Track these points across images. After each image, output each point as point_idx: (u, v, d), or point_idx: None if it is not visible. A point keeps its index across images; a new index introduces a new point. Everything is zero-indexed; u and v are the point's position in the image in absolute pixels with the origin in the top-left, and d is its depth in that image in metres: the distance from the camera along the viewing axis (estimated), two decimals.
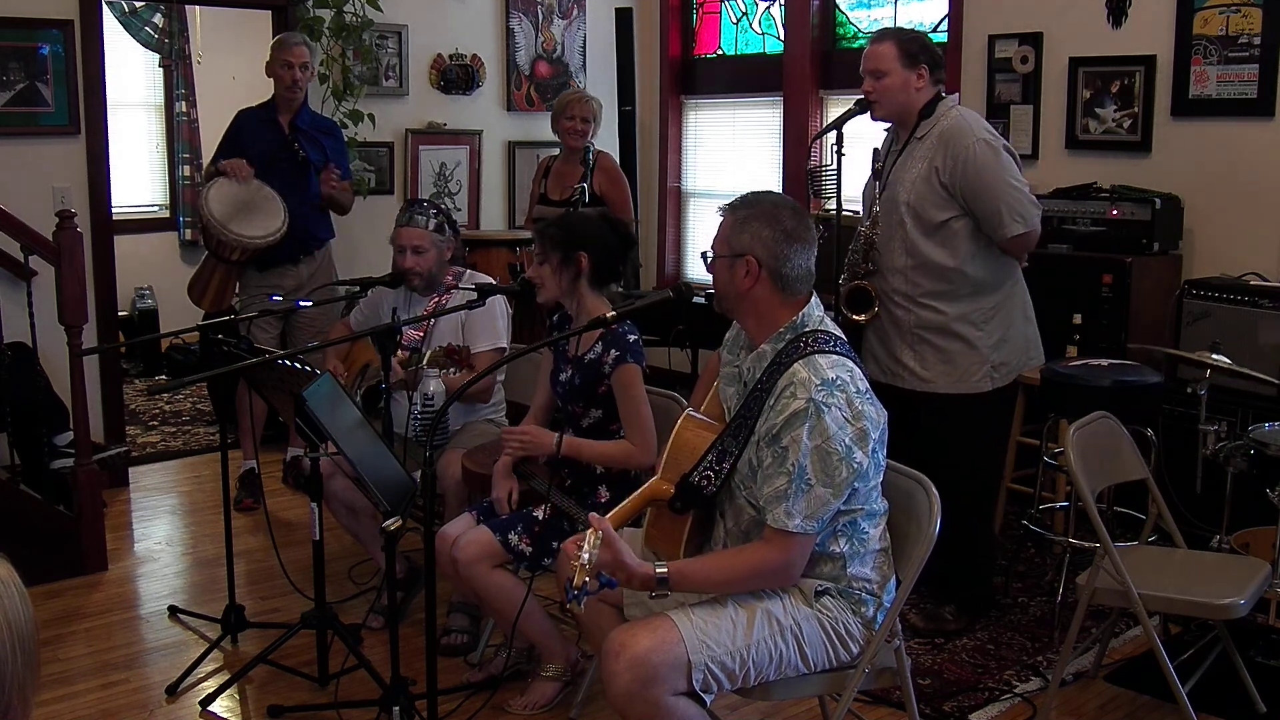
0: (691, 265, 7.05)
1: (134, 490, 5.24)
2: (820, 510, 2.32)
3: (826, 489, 2.31)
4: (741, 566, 2.36)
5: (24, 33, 4.81)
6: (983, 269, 3.58)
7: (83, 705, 3.31)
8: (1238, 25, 4.55)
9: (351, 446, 2.78)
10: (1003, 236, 3.51)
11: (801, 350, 2.37)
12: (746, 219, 2.45)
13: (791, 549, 2.34)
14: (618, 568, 2.28)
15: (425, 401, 3.64)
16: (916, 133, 3.59)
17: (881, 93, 3.58)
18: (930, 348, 3.61)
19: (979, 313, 3.60)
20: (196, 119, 7.94)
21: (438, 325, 3.79)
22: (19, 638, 1.20)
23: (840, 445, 2.30)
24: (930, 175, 3.51)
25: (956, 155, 3.48)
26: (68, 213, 4.25)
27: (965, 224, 3.53)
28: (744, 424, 2.42)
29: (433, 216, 3.79)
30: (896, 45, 3.56)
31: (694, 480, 2.44)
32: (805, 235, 2.45)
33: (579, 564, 2.18)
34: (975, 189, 3.48)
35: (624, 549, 2.30)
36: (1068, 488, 4.14)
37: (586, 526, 3.08)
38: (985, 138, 3.50)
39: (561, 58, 6.68)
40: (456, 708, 3.22)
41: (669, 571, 2.32)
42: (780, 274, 2.42)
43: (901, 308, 3.62)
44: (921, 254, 3.55)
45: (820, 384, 2.31)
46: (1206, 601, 2.99)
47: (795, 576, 2.40)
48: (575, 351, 3.25)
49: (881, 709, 3.27)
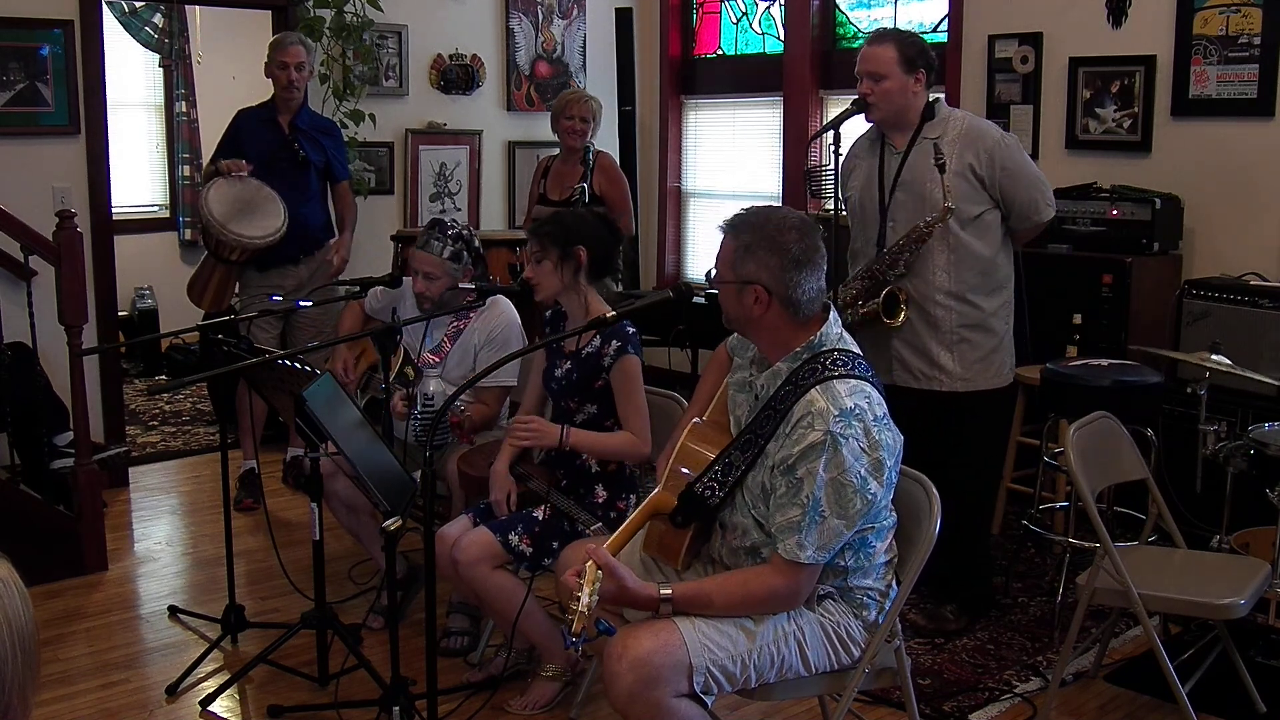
0: (691, 265, 7.05)
1: (134, 490, 5.24)
2: (832, 541, 2.32)
3: (840, 520, 2.30)
4: (748, 592, 2.35)
5: (24, 33, 4.81)
6: (1006, 262, 3.70)
7: (83, 705, 3.31)
8: (1238, 25, 4.55)
9: (351, 446, 2.78)
10: (1037, 221, 3.64)
11: (819, 374, 2.33)
12: (750, 246, 2.38)
13: (800, 578, 2.34)
14: (622, 594, 2.28)
15: (425, 401, 3.64)
16: (925, 133, 3.61)
17: (880, 96, 3.59)
18: (968, 345, 3.64)
19: (1005, 308, 3.71)
20: (196, 119, 7.94)
21: (453, 355, 3.77)
22: (19, 638, 1.20)
23: (855, 477, 2.28)
24: (965, 171, 3.55)
25: (990, 150, 3.55)
26: (68, 213, 4.25)
27: (995, 217, 3.63)
28: (754, 441, 2.40)
29: (450, 243, 3.65)
30: (896, 49, 3.56)
31: (697, 491, 2.43)
32: (814, 257, 2.38)
33: (579, 610, 2.17)
34: (1014, 179, 3.57)
35: (626, 575, 2.29)
36: (1068, 488, 4.14)
37: (590, 527, 3.11)
38: (1005, 134, 3.65)
39: (561, 58, 6.68)
40: (456, 708, 3.22)
41: (673, 594, 2.32)
42: (790, 299, 2.37)
43: (943, 306, 3.61)
44: (964, 247, 3.59)
45: (838, 415, 2.27)
46: (1206, 601, 2.99)
47: (801, 603, 2.41)
48: (573, 346, 3.25)
49: (881, 709, 3.27)
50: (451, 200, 6.34)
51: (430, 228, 3.72)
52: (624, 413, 3.16)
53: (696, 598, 2.35)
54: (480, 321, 3.77)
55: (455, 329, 3.78)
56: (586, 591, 2.19)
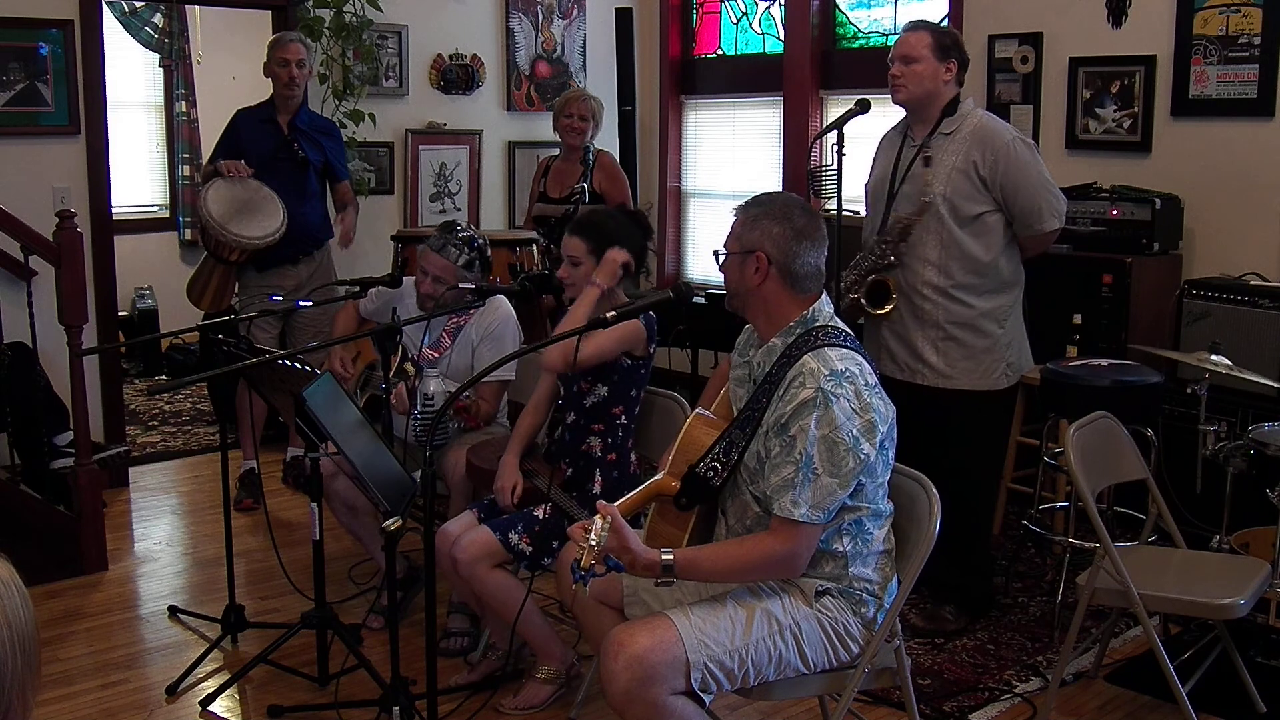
0: (691, 265, 7.04)
1: (134, 490, 5.24)
2: (826, 500, 2.32)
3: (833, 479, 2.31)
4: (747, 556, 2.36)
5: (24, 33, 4.80)
6: (1008, 265, 3.66)
7: (83, 705, 3.31)
8: (1238, 25, 4.55)
9: (351, 446, 2.78)
10: (1040, 231, 3.60)
11: (811, 343, 2.39)
12: (758, 217, 2.47)
13: (798, 538, 2.34)
14: (624, 553, 2.29)
15: (425, 401, 3.64)
16: (942, 128, 3.61)
17: (910, 77, 3.59)
18: (955, 344, 3.63)
19: (1002, 309, 3.66)
20: (196, 119, 7.94)
21: (453, 351, 3.78)
22: (19, 638, 1.20)
23: (848, 435, 2.30)
24: (969, 169, 3.55)
25: (997, 152, 3.53)
26: (68, 213, 4.25)
27: (998, 219, 3.60)
28: (751, 415, 2.43)
29: (465, 251, 3.67)
30: (931, 35, 3.60)
31: (700, 471, 2.45)
32: (816, 234, 2.46)
33: (587, 545, 2.19)
34: (1017, 184, 3.54)
35: (631, 535, 2.30)
36: (1068, 488, 4.14)
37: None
38: (1019, 136, 3.61)
39: (561, 58, 6.68)
40: (457, 708, 3.22)
41: (675, 559, 2.32)
42: (790, 270, 2.43)
43: (930, 300, 3.62)
44: (957, 245, 3.58)
45: (829, 374, 2.31)
46: (1206, 601, 3.00)
47: (801, 567, 2.40)
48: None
49: (881, 709, 3.27)
50: (451, 200, 6.34)
51: (446, 231, 3.72)
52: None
53: (697, 561, 2.36)
54: (478, 317, 3.79)
55: (455, 325, 3.80)
56: (594, 531, 2.21)
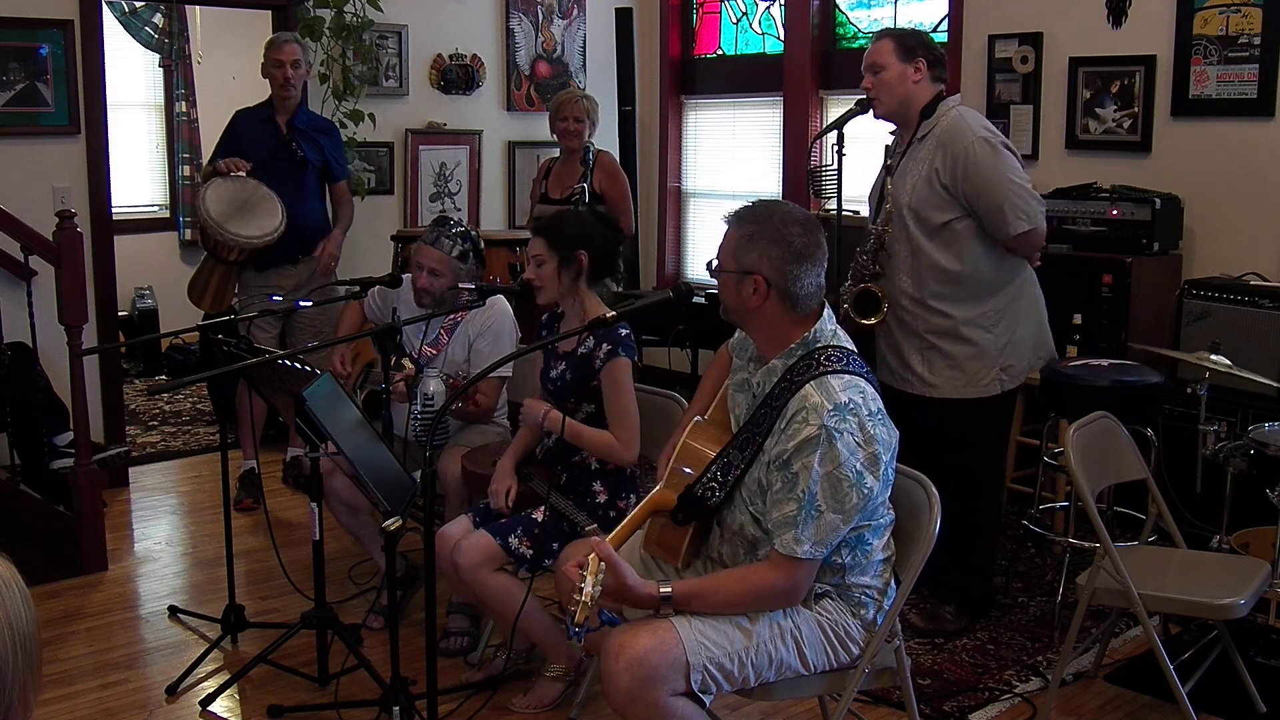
0: (692, 265, 7.05)
1: (134, 490, 5.24)
2: (829, 536, 2.31)
3: (836, 515, 2.30)
4: (747, 590, 2.35)
5: (24, 33, 4.81)
6: (989, 270, 3.57)
7: (83, 705, 3.31)
8: (1238, 25, 4.55)
9: (351, 446, 2.78)
10: (1007, 235, 3.50)
11: (813, 370, 2.34)
12: (754, 236, 2.38)
13: (798, 573, 2.34)
14: (622, 590, 2.28)
15: (425, 401, 3.64)
16: (918, 133, 3.59)
17: (880, 87, 3.59)
18: (938, 354, 3.61)
19: (987, 315, 3.60)
20: (196, 119, 7.94)
21: (451, 346, 3.78)
22: (20, 638, 1.20)
23: (851, 471, 2.28)
24: (931, 177, 3.51)
25: (955, 155, 3.47)
26: (68, 213, 4.25)
27: (968, 225, 3.53)
28: (751, 438, 2.41)
29: (459, 243, 3.67)
30: (893, 39, 3.60)
31: (697, 492, 2.44)
32: (815, 253, 2.38)
33: (581, 600, 2.18)
34: (976, 188, 3.46)
35: (627, 571, 2.30)
36: (1068, 488, 4.14)
37: (585, 527, 3.11)
38: (984, 135, 3.49)
39: (561, 58, 6.68)
40: (457, 708, 3.22)
41: (673, 592, 2.32)
42: (789, 293, 2.38)
43: (909, 312, 3.61)
44: (926, 255, 3.55)
45: (833, 409, 2.27)
46: (1206, 601, 2.99)
47: (800, 598, 2.40)
48: (569, 347, 3.25)
49: (881, 709, 3.27)
50: (451, 200, 6.34)
51: (438, 224, 3.74)
52: (610, 415, 3.14)
53: (696, 595, 2.35)
54: (476, 314, 3.79)
55: (452, 322, 3.81)
56: (589, 581, 2.20)
